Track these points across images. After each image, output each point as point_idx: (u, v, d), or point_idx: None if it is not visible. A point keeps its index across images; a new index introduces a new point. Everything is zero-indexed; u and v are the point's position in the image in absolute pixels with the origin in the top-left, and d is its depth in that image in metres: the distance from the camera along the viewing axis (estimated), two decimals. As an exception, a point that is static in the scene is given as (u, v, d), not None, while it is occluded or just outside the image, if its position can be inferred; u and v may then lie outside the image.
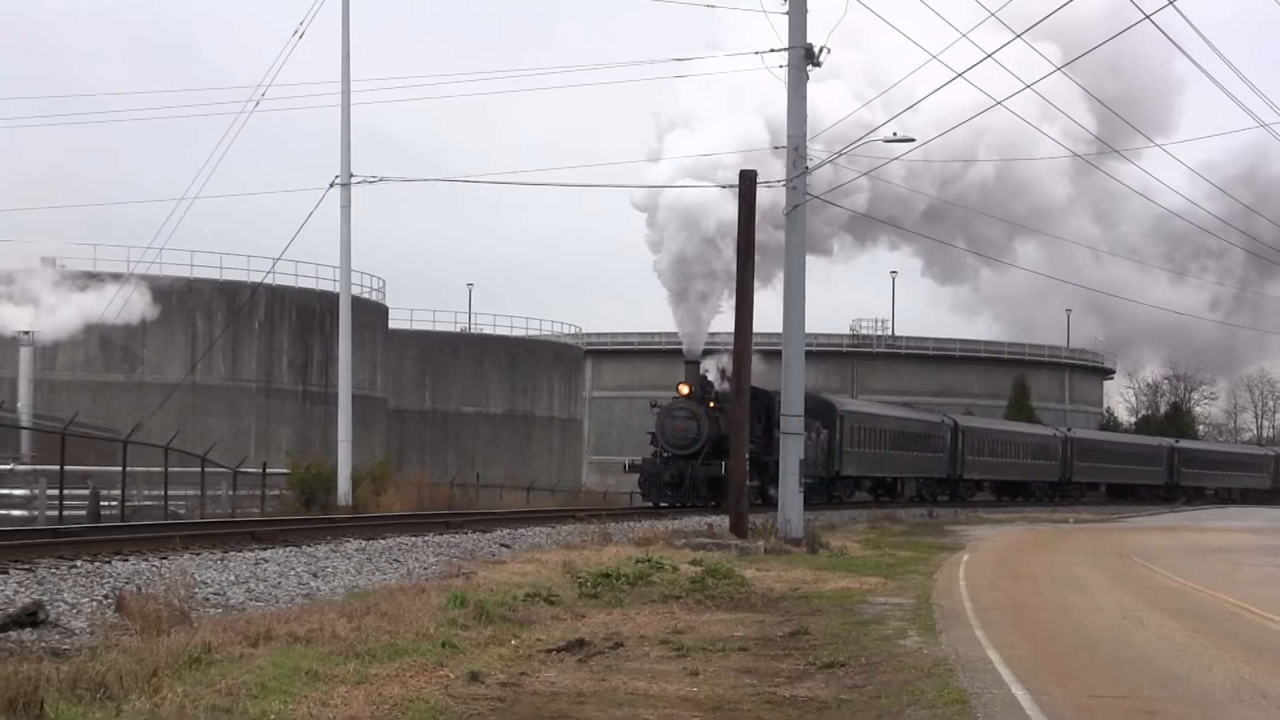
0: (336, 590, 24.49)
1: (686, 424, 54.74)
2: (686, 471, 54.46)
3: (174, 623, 18.11)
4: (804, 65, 42.90)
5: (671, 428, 55.17)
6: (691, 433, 54.60)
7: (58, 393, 65.39)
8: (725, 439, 52.06)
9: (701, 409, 54.70)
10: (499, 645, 19.34)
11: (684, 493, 54.96)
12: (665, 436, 55.31)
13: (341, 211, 52.66)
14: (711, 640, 20.79)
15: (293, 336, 74.02)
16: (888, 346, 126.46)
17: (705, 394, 55.64)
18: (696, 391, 55.39)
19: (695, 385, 55.58)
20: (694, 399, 55.17)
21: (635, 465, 58.16)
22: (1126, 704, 15.87)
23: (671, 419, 55.32)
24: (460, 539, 33.94)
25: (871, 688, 16.95)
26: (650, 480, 56.25)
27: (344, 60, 52.81)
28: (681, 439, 54.70)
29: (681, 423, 54.86)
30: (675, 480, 54.74)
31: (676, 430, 54.95)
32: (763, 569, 33.00)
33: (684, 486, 54.77)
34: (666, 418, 55.51)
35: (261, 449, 65.40)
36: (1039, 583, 32.31)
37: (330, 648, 17.56)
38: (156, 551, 24.79)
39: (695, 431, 54.53)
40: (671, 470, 54.74)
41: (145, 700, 13.71)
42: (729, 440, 51.44)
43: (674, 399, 56.28)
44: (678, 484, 54.80)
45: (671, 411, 55.57)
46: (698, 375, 56.20)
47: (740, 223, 43.56)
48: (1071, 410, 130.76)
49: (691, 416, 54.83)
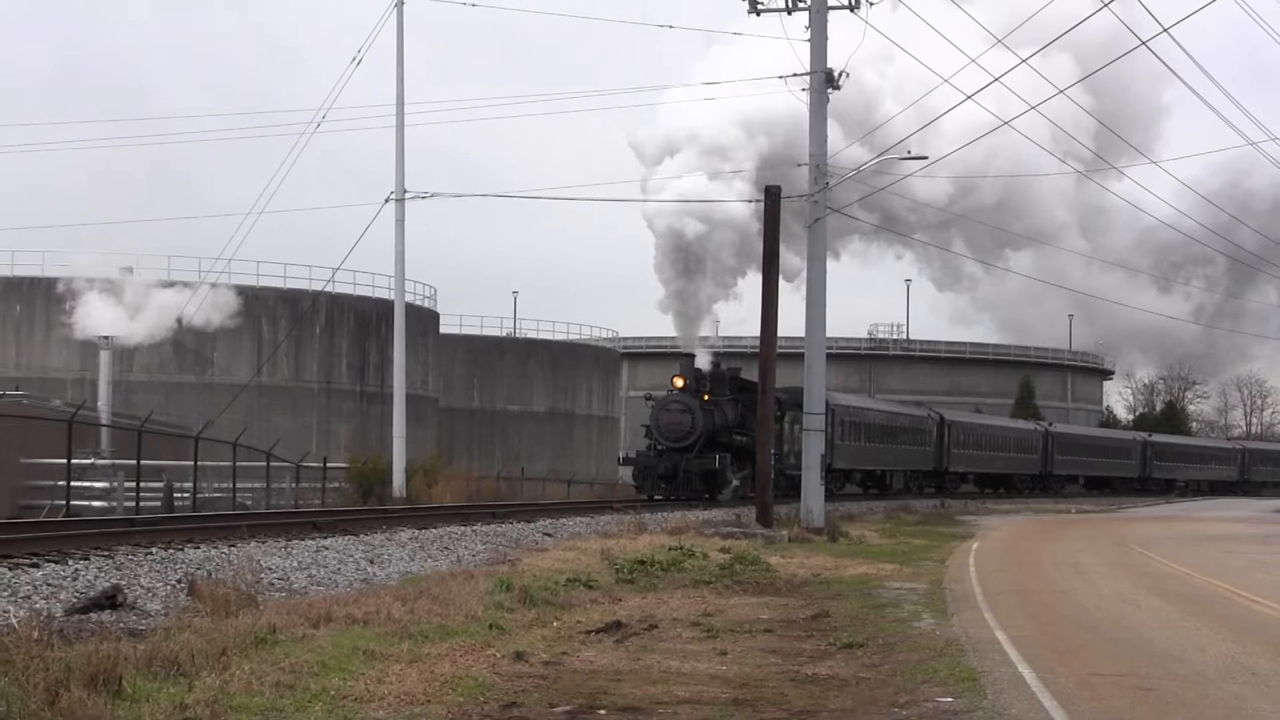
0: (391, 576, 24.51)
1: (680, 417, 52.09)
2: (680, 464, 51.45)
3: (241, 606, 18.14)
4: (824, 88, 42.96)
5: (666, 421, 52.40)
6: (685, 426, 51.86)
7: (134, 393, 65.55)
8: (720, 432, 51.96)
9: (696, 402, 52.18)
10: (542, 627, 19.34)
11: (678, 485, 51.70)
12: (659, 429, 52.48)
13: (396, 225, 52.84)
14: (739, 622, 20.78)
15: (351, 341, 74.11)
16: (903, 349, 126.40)
17: (700, 387, 52.94)
18: (691, 385, 52.81)
19: (690, 379, 52.93)
20: (688, 392, 52.64)
21: (629, 458, 55.19)
22: (1125, 681, 15.82)
23: (666, 412, 52.61)
24: (506, 528, 33.93)
25: (888, 666, 16.93)
26: (644, 473, 52.92)
27: (398, 84, 52.97)
28: (675, 432, 51.94)
29: (676, 416, 52.21)
30: (669, 473, 51.60)
31: (671, 423, 52.20)
32: (787, 556, 32.97)
33: (678, 479, 51.56)
34: (661, 411, 52.81)
35: (322, 445, 65.47)
36: (1043, 569, 32.25)
37: (386, 629, 17.58)
38: (225, 540, 24.81)
39: (689, 424, 51.81)
40: (666, 463, 51.68)
41: (215, 677, 13.73)
42: (724, 434, 51.71)
43: (668, 392, 53.90)
44: (671, 476, 51.63)
45: (666, 405, 52.95)
46: (692, 369, 53.41)
47: (765, 235, 43.62)
48: (1073, 409, 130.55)
49: (686, 410, 52.16)
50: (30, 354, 67.77)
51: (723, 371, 55.06)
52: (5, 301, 67.31)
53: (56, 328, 65.32)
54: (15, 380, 60.12)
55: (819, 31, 43.11)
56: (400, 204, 52.61)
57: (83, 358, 64.95)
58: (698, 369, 53.46)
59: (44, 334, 67.48)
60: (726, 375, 55.21)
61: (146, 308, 62.48)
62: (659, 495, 51.80)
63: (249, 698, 13.17)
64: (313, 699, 13.48)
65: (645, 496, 52.38)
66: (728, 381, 54.88)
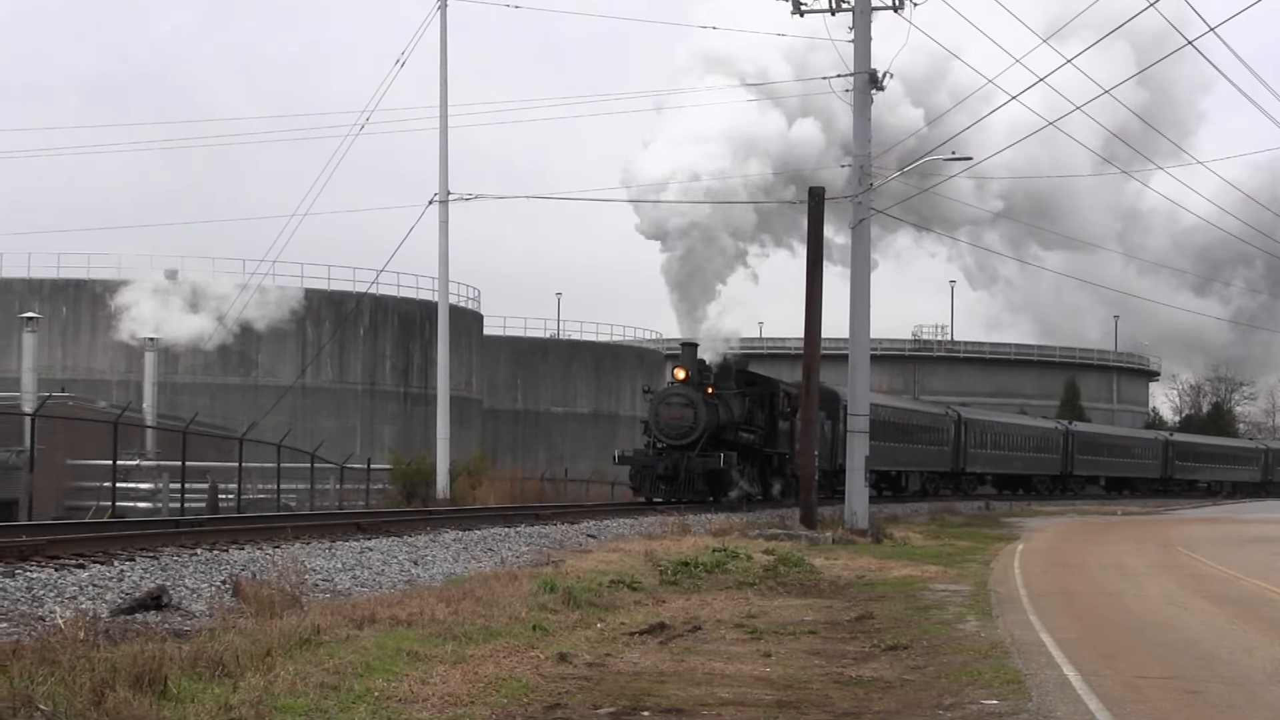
0: (435, 577, 24.54)
1: (682, 412, 47.76)
2: (682, 464, 47.15)
3: (286, 606, 18.19)
4: (868, 89, 42.89)
5: (666, 416, 48.06)
6: (688, 421, 47.63)
7: (179, 394, 65.84)
8: (725, 429, 48.40)
9: (699, 396, 47.91)
10: (585, 628, 19.34)
11: (679, 486, 47.38)
12: (659, 425, 48.21)
13: (440, 226, 52.99)
14: (783, 624, 20.74)
15: (395, 342, 74.33)
16: (947, 351, 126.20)
17: (703, 380, 48.74)
18: (694, 377, 48.39)
19: (692, 370, 48.51)
20: (691, 385, 48.27)
21: (626, 456, 50.28)
22: (1171, 684, 15.75)
23: (666, 406, 48.26)
24: (549, 530, 33.95)
25: (932, 668, 16.88)
26: (642, 473, 48.43)
27: (442, 86, 53.11)
28: (677, 428, 47.69)
29: (677, 410, 47.86)
30: (669, 473, 47.27)
31: (671, 419, 47.88)
32: (831, 558, 32.90)
33: (679, 480, 47.27)
34: (660, 405, 48.47)
35: (366, 446, 65.66)
36: (1089, 571, 32.13)
37: (429, 630, 17.60)
38: (270, 541, 24.89)
39: (692, 420, 47.60)
40: (666, 462, 47.36)
41: (259, 678, 13.77)
42: (729, 431, 48.29)
43: (669, 384, 50.03)
44: (672, 477, 47.31)
45: (666, 398, 48.64)
46: (695, 359, 48.91)
47: (809, 236, 43.56)
48: (1119, 410, 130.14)
49: (688, 404, 47.85)
50: (76, 356, 68.17)
51: (728, 363, 51.34)
52: (52, 304, 67.68)
53: (102, 330, 65.73)
54: (62, 382, 60.46)
55: (862, 32, 43.04)
56: (444, 206, 52.76)
57: (128, 359, 65.31)
58: (701, 360, 49.45)
59: (90, 336, 67.87)
60: (732, 368, 51.59)
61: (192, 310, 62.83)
62: (658, 498, 47.80)
63: (293, 698, 13.21)
64: (357, 700, 13.51)
65: (642, 499, 48.46)
66: (733, 374, 51.24)
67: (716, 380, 49.22)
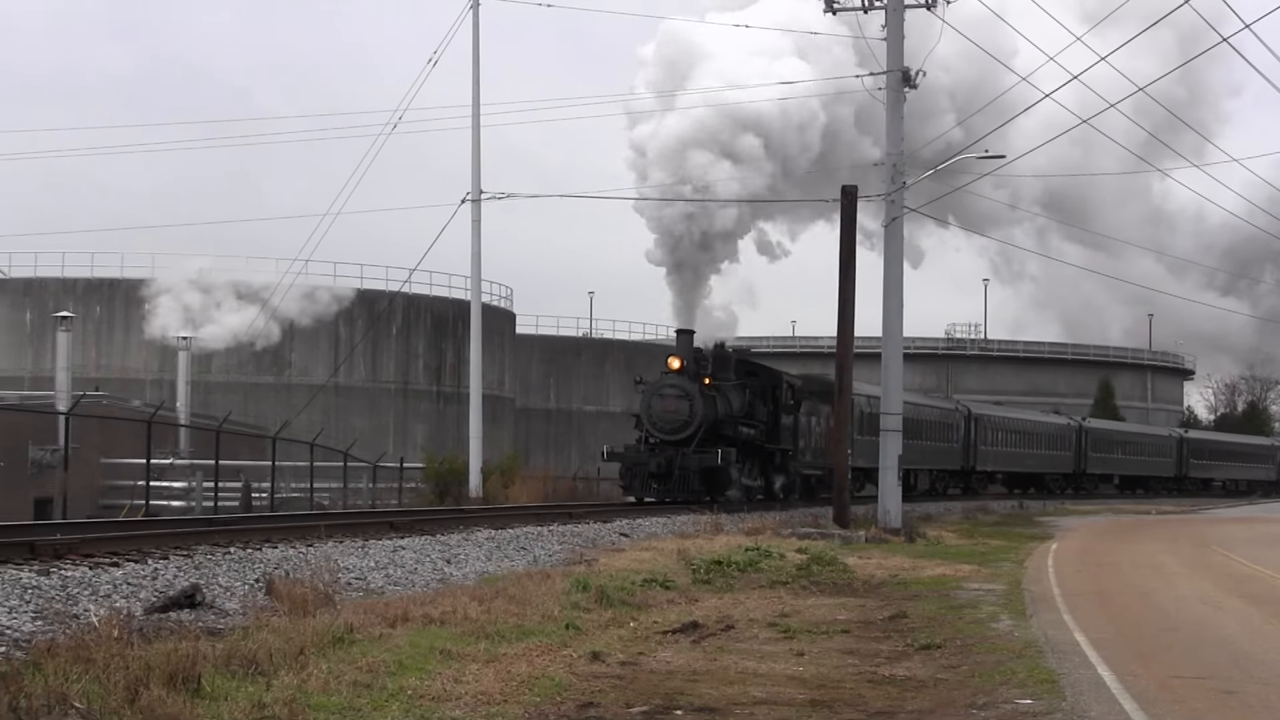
0: (468, 576, 24.57)
1: (677, 404, 44.33)
2: (676, 460, 43.82)
3: (319, 605, 18.23)
4: (901, 87, 42.82)
5: (659, 408, 44.69)
6: (683, 414, 44.23)
7: (212, 393, 65.99)
8: (723, 423, 45.28)
9: (695, 386, 44.48)
10: (618, 627, 19.35)
11: (673, 485, 44.13)
12: (651, 419, 44.87)
13: (472, 225, 53.04)
14: (816, 623, 20.72)
15: (428, 341, 74.42)
16: (980, 349, 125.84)
17: (700, 369, 45.42)
18: (689, 366, 44.98)
19: (688, 359, 45.09)
20: (686, 375, 44.82)
21: (615, 453, 46.91)
22: (1206, 684, 15.69)
23: (659, 398, 44.77)
24: (582, 528, 33.95)
25: (966, 668, 16.85)
26: (633, 471, 45.11)
27: (474, 85, 53.16)
28: (671, 422, 44.34)
29: (671, 402, 44.45)
30: (662, 470, 43.93)
31: (665, 411, 44.50)
32: (864, 557, 32.86)
33: (673, 478, 43.95)
34: (653, 396, 44.96)
35: (399, 445, 65.73)
36: (1123, 570, 32.05)
37: (462, 629, 17.62)
38: (303, 539, 24.93)
39: (687, 413, 44.19)
40: (658, 459, 44.02)
41: (293, 676, 13.81)
42: (728, 425, 45.34)
43: (662, 374, 45.67)
44: (665, 475, 43.97)
45: (659, 389, 44.94)
46: (691, 347, 45.67)
47: (842, 235, 43.46)
48: (1153, 409, 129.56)
49: (683, 395, 44.38)
50: (110, 355, 68.38)
51: (727, 352, 48.76)
52: (85, 303, 67.90)
53: (136, 329, 65.93)
54: (95, 381, 60.64)
55: (895, 30, 42.98)
56: (476, 205, 52.80)
57: (161, 358, 65.48)
58: (697, 349, 46.35)
59: (123, 335, 68.08)
60: (732, 357, 48.86)
61: (224, 311, 63.03)
62: (649, 497, 44.87)
63: (326, 697, 13.24)
64: (390, 698, 13.53)
65: (632, 499, 45.48)
66: (733, 364, 48.33)
67: (714, 370, 46.37)
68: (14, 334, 68.83)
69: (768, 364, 53.47)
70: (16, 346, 68.50)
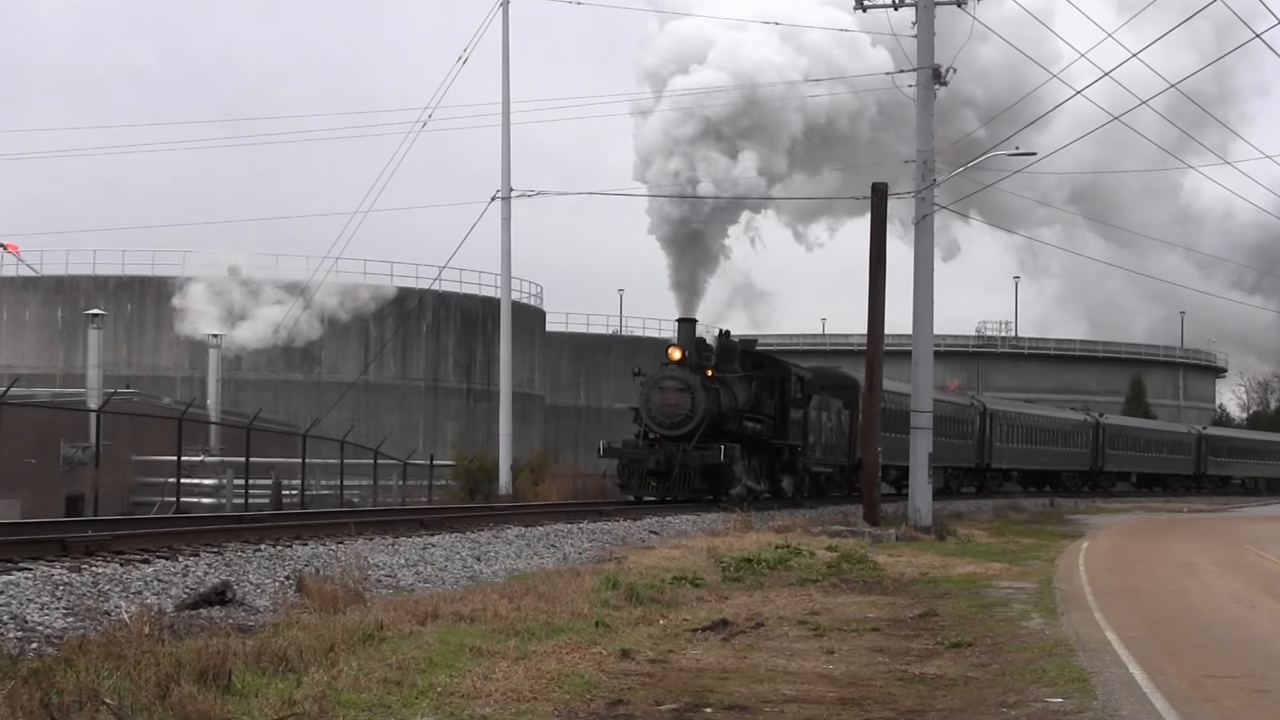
0: (498, 573, 24.59)
1: (678, 397, 42.23)
2: (676, 457, 41.77)
3: (349, 602, 18.27)
4: (931, 84, 42.72)
5: (659, 402, 42.53)
6: (684, 409, 42.15)
7: (243, 391, 66.18)
8: (727, 417, 43.16)
9: (697, 379, 42.44)
10: (648, 625, 19.35)
11: (673, 483, 42.03)
12: (651, 413, 42.65)
13: (502, 223, 53.15)
14: (846, 621, 20.70)
15: (458, 339, 74.53)
16: (1011, 347, 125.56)
17: (703, 361, 43.32)
18: (691, 358, 42.97)
19: (690, 349, 43.15)
20: (688, 367, 42.81)
21: (612, 448, 44.36)
22: (1238, 683, 15.64)
23: (659, 391, 42.66)
24: (612, 526, 33.94)
25: (996, 666, 16.82)
26: (631, 468, 42.98)
27: (504, 83, 53.25)
28: (672, 416, 42.23)
29: (672, 395, 42.33)
30: (662, 468, 41.86)
31: (665, 405, 42.36)
32: (894, 555, 32.82)
33: (673, 475, 41.89)
34: (653, 390, 42.83)
35: (429, 442, 65.85)
36: (1155, 568, 31.95)
37: (492, 626, 17.64)
38: (333, 536, 24.96)
39: (688, 407, 42.13)
40: (658, 455, 41.93)
41: (323, 673, 13.83)
42: (732, 419, 43.21)
43: (662, 365, 43.76)
44: (664, 472, 41.90)
45: (659, 382, 42.87)
46: (693, 336, 43.70)
47: (872, 233, 43.32)
48: (1185, 407, 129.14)
49: (684, 388, 42.30)
50: (141, 352, 68.60)
51: (732, 343, 46.28)
52: (116, 301, 68.13)
53: (166, 326, 66.17)
54: (126, 378, 60.85)
55: (926, 26, 42.87)
56: (506, 202, 52.90)
57: (192, 356, 65.71)
58: (700, 339, 44.53)
59: (154, 333, 68.30)
60: (736, 347, 46.22)
61: (255, 308, 63.23)
62: (648, 496, 42.74)
63: (356, 694, 13.26)
64: (419, 695, 13.55)
65: (631, 498, 43.27)
66: (738, 355, 45.75)
67: (718, 361, 44.23)
68: (46, 331, 69.10)
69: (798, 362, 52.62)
70: (48, 344, 68.77)
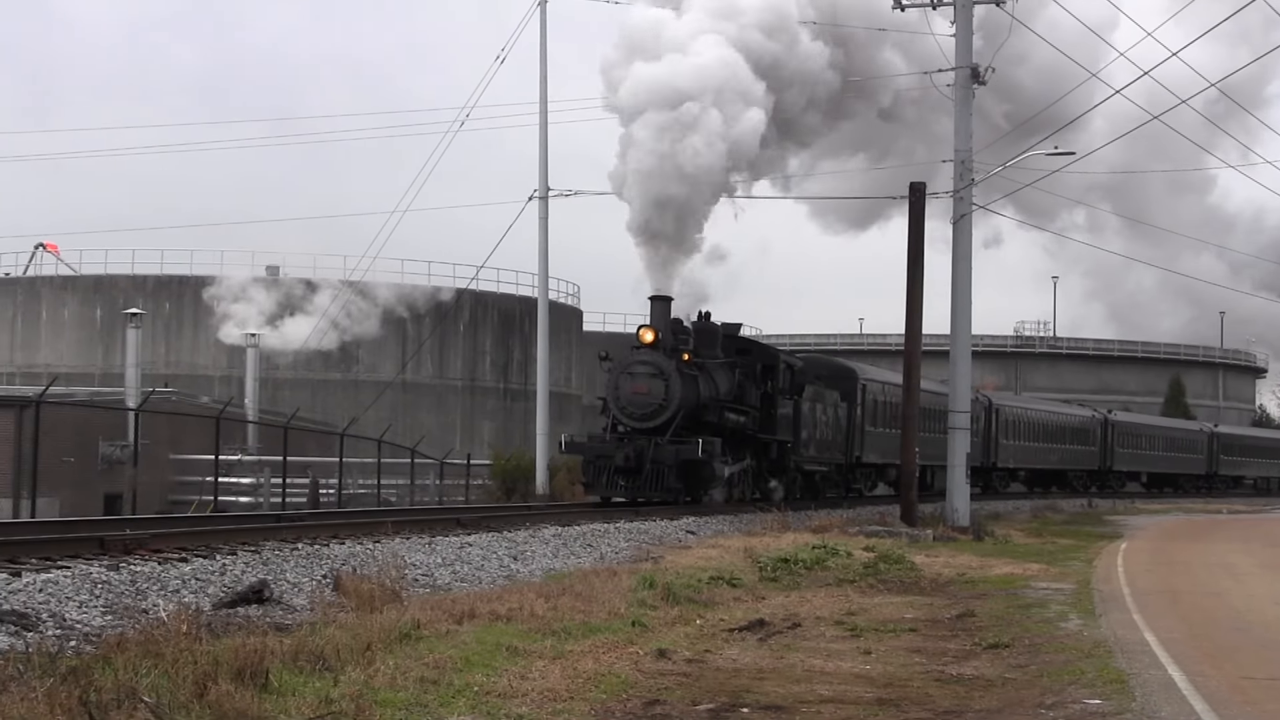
0: (534, 572, 24.60)
1: (649, 384, 38.03)
2: (648, 452, 37.66)
3: (386, 601, 18.29)
4: (970, 84, 42.63)
5: (629, 390, 38.29)
6: (656, 397, 37.99)
7: (281, 390, 66.43)
8: (706, 408, 39.10)
9: (672, 365, 38.16)
10: (685, 624, 19.34)
11: (643, 482, 37.92)
12: (619, 403, 38.50)
13: (539, 223, 53.14)
14: (883, 621, 20.66)
15: (495, 338, 74.65)
16: (1049, 347, 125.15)
17: (679, 344, 38.96)
18: (666, 340, 38.53)
19: (664, 331, 38.64)
20: (662, 350, 38.44)
21: (575, 443, 40.81)
22: (1279, 685, 15.57)
23: (629, 377, 38.37)
24: (649, 526, 33.90)
25: (1034, 667, 16.76)
26: (596, 465, 38.73)
27: (542, 83, 53.22)
28: (642, 406, 38.14)
29: (643, 382, 38.12)
30: (631, 464, 37.72)
31: (635, 394, 38.16)
32: (931, 555, 32.75)
33: (644, 473, 37.82)
34: (622, 376, 38.52)
35: (466, 442, 65.96)
36: (1194, 569, 31.81)
37: (529, 625, 17.65)
38: (370, 536, 25.00)
39: (661, 395, 37.94)
40: (626, 450, 37.71)
41: (360, 672, 13.86)
42: (711, 410, 39.26)
43: (632, 349, 39.32)
44: (635, 469, 37.77)
45: (629, 368, 38.54)
46: (668, 316, 39.09)
47: (910, 233, 43.22)
48: (1225, 408, 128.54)
49: (656, 374, 38.05)
50: (179, 351, 68.90)
51: (713, 325, 41.66)
52: (155, 300, 68.41)
53: (205, 326, 66.43)
54: (165, 377, 61.11)
55: (964, 26, 42.78)
56: (544, 202, 52.89)
57: (230, 355, 65.95)
58: (677, 320, 39.89)
59: (192, 332, 68.58)
60: (718, 330, 41.81)
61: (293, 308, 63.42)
62: (617, 496, 38.75)
63: (393, 693, 13.28)
64: (456, 694, 13.56)
65: (596, 499, 39.53)
66: (719, 339, 41.53)
67: (697, 345, 39.85)
68: (84, 330, 69.44)
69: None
70: (87, 343, 69.11)
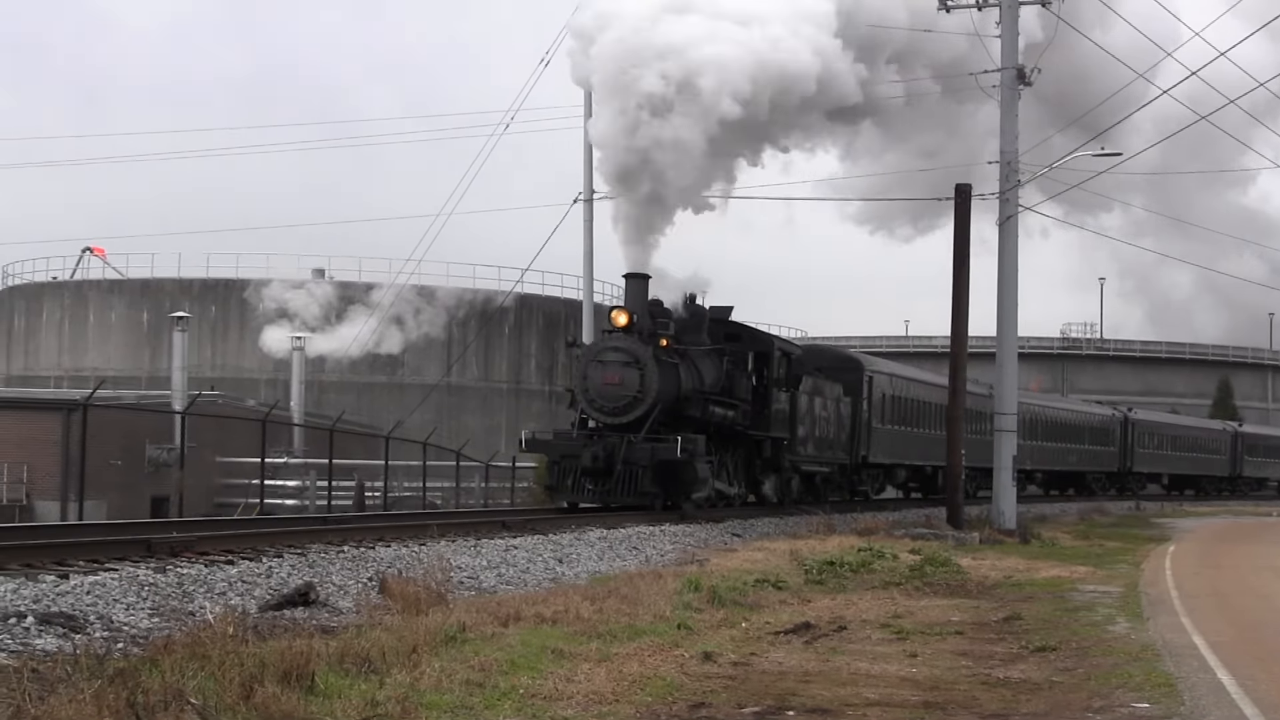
0: (580, 575, 24.60)
1: (623, 374, 33.95)
2: (619, 451, 33.54)
3: (431, 604, 18.31)
4: (1015, 85, 42.52)
5: (600, 380, 34.17)
6: (631, 388, 33.93)
7: (326, 393, 66.64)
8: (689, 400, 35.21)
9: (649, 352, 34.07)
10: (730, 627, 19.31)
11: (614, 485, 33.85)
12: (589, 395, 34.51)
13: (584, 225, 53.21)
14: (929, 624, 20.60)
15: (540, 340, 74.77)
16: (1096, 348, 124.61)
17: (658, 329, 34.77)
18: (642, 324, 34.48)
19: (641, 314, 34.59)
20: (638, 336, 34.42)
21: (537, 440, 36.97)
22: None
23: (599, 366, 34.25)
24: (694, 529, 33.86)
25: (1081, 671, 16.69)
26: (562, 466, 34.63)
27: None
28: (615, 399, 34.12)
29: (615, 372, 33.99)
30: (601, 465, 33.63)
31: (606, 384, 34.07)
32: (978, 558, 32.65)
33: (614, 475, 33.74)
34: (592, 364, 34.45)
35: (511, 444, 65.88)
36: (1242, 572, 31.66)
37: (574, 628, 17.64)
38: (415, 538, 25.05)
39: (637, 386, 33.90)
40: (595, 450, 33.63)
41: (405, 674, 13.87)
42: (695, 403, 35.38)
43: (604, 333, 35.74)
44: (605, 470, 33.71)
45: (600, 354, 34.57)
46: (644, 296, 34.94)
47: (956, 233, 43.13)
48: (1274, 410, 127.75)
49: (631, 362, 34.00)
50: (225, 354, 69.23)
51: (699, 308, 37.60)
52: (201, 303, 68.75)
53: (251, 329, 66.69)
54: (211, 380, 61.37)
55: (1010, 27, 42.69)
56: (588, 204, 52.94)
57: (276, 358, 66.11)
58: (656, 301, 35.60)
59: (238, 335, 68.85)
60: (704, 314, 37.75)
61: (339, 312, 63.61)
62: (586, 502, 34.89)
63: (439, 695, 13.29)
64: (502, 697, 13.57)
65: (561, 504, 35.69)
66: (705, 324, 37.52)
67: (680, 331, 35.84)
68: (131, 334, 69.80)
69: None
70: (134, 346, 69.48)
